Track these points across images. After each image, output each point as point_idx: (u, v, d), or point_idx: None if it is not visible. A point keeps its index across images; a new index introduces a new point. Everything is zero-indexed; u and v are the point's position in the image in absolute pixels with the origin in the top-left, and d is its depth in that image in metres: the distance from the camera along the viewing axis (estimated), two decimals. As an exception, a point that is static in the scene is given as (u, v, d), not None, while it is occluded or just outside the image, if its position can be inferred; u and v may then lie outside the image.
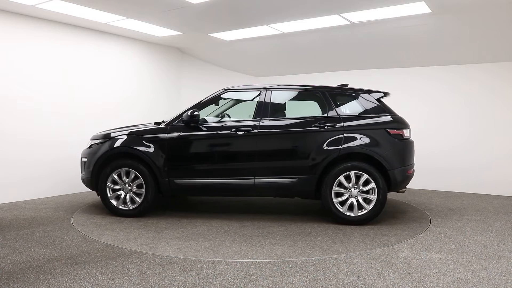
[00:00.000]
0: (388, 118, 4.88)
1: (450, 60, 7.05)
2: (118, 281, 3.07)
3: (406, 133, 4.89)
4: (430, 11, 5.28)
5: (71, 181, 6.65)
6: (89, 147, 5.34)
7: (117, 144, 5.12)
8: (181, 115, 5.13)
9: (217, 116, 5.57)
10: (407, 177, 4.90)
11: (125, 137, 5.16)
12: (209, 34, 6.96)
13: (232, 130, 4.94)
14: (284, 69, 8.73)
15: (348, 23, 5.93)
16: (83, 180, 5.39)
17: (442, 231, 4.52)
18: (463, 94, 7.05)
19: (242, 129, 4.92)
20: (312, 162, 4.79)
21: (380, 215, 5.27)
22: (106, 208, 5.26)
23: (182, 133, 5.04)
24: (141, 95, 7.77)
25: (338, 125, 4.83)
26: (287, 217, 5.14)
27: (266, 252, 3.77)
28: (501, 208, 5.74)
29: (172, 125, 5.12)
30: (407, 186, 6.92)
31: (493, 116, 6.79)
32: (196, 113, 4.96)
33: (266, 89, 5.16)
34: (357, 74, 7.73)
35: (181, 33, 6.94)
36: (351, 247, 3.89)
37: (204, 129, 5.05)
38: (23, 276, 3.16)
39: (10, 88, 5.88)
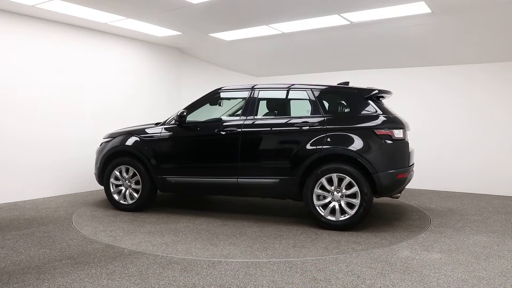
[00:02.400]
0: (375, 117, 4.57)
1: (450, 60, 7.06)
2: (118, 281, 3.07)
3: (397, 133, 4.52)
4: (430, 11, 5.28)
5: (71, 181, 6.66)
6: (100, 145, 5.73)
7: (118, 143, 5.48)
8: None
9: (231, 115, 5.61)
10: (398, 181, 4.51)
11: (125, 136, 5.48)
12: (209, 34, 6.96)
13: (217, 129, 5.00)
14: (284, 69, 8.73)
15: (348, 23, 5.93)
16: (95, 176, 5.75)
17: (442, 231, 4.52)
18: (463, 94, 7.05)
19: (226, 128, 4.96)
20: (293, 163, 4.64)
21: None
22: (109, 202, 5.60)
23: (173, 133, 5.25)
24: (142, 95, 7.77)
25: (321, 125, 4.63)
26: (275, 218, 5.07)
27: (212, 251, 3.81)
28: (501, 208, 5.74)
29: (165, 125, 5.35)
30: (407, 189, 6.93)
31: (493, 116, 6.79)
32: (184, 113, 5.16)
33: (254, 88, 5.14)
34: (357, 74, 7.73)
35: (181, 33, 6.94)
36: (304, 253, 3.72)
37: (193, 129, 5.20)
38: (23, 276, 3.16)
39: (10, 88, 5.88)
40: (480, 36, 6.08)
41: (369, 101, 4.69)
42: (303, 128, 4.67)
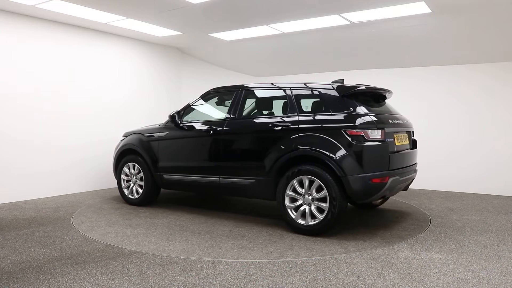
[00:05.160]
0: (350, 116, 4.21)
1: (450, 60, 7.06)
2: (118, 281, 3.07)
3: (372, 134, 4.14)
4: (430, 11, 5.28)
5: (71, 182, 6.66)
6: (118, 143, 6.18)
7: (127, 141, 5.92)
8: None
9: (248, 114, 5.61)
10: (373, 187, 4.12)
11: (133, 135, 5.92)
12: (209, 34, 6.96)
13: (205, 130, 5.13)
14: (284, 69, 8.73)
15: (348, 23, 5.93)
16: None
17: (442, 231, 4.52)
18: (463, 94, 7.06)
19: (211, 129, 5.06)
20: (267, 164, 4.55)
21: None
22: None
23: (168, 133, 5.54)
24: (142, 96, 7.76)
25: (294, 125, 4.48)
26: (259, 219, 5.03)
27: (158, 245, 3.97)
28: (501, 208, 5.74)
29: (164, 125, 5.65)
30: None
31: (493, 116, 6.79)
32: (175, 115, 5.44)
33: (240, 89, 5.17)
34: (357, 74, 7.73)
35: (181, 33, 6.94)
36: (242, 255, 3.67)
37: (184, 129, 5.38)
38: (23, 276, 3.16)
39: (10, 88, 5.88)
40: (480, 36, 6.08)
41: (347, 99, 4.36)
42: (275, 128, 4.58)
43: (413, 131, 5.08)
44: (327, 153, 4.16)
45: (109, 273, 3.22)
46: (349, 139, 4.11)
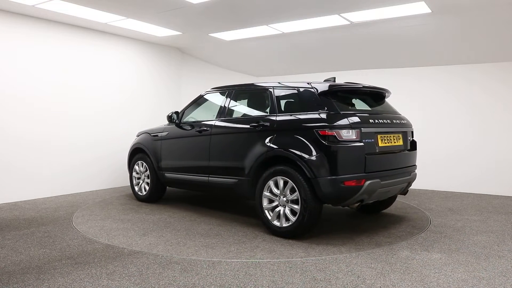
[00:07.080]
0: (325, 115, 4.05)
1: (450, 60, 7.06)
2: (118, 281, 3.07)
3: (345, 134, 3.96)
4: (430, 11, 5.28)
5: (71, 181, 6.65)
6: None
7: (137, 140, 6.22)
8: None
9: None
10: (345, 190, 3.92)
11: (142, 135, 6.17)
12: (209, 34, 6.96)
13: (197, 130, 5.28)
14: (284, 69, 8.73)
15: (348, 23, 5.93)
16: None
17: (442, 231, 4.52)
18: (463, 95, 7.06)
19: (202, 129, 5.19)
20: (248, 164, 4.55)
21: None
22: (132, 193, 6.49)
23: (168, 133, 5.75)
24: (142, 96, 7.76)
25: (272, 125, 4.42)
26: (248, 220, 5.01)
27: (132, 239, 4.14)
28: (501, 208, 5.74)
29: (166, 126, 5.88)
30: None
31: (493, 116, 6.79)
32: (172, 115, 5.63)
33: (230, 89, 5.22)
34: (357, 74, 7.73)
35: (181, 33, 6.94)
36: (201, 254, 3.69)
37: (183, 128, 5.54)
38: (23, 276, 3.16)
39: (10, 88, 5.88)
40: (480, 36, 6.08)
41: (324, 98, 4.20)
42: (255, 128, 4.56)
43: (412, 132, 4.95)
44: (299, 153, 4.05)
45: (109, 273, 3.22)
46: (321, 139, 3.96)
